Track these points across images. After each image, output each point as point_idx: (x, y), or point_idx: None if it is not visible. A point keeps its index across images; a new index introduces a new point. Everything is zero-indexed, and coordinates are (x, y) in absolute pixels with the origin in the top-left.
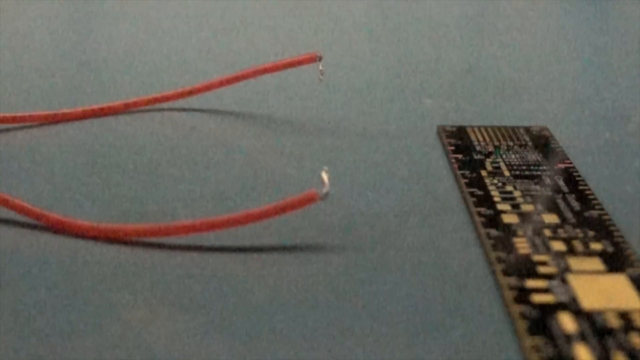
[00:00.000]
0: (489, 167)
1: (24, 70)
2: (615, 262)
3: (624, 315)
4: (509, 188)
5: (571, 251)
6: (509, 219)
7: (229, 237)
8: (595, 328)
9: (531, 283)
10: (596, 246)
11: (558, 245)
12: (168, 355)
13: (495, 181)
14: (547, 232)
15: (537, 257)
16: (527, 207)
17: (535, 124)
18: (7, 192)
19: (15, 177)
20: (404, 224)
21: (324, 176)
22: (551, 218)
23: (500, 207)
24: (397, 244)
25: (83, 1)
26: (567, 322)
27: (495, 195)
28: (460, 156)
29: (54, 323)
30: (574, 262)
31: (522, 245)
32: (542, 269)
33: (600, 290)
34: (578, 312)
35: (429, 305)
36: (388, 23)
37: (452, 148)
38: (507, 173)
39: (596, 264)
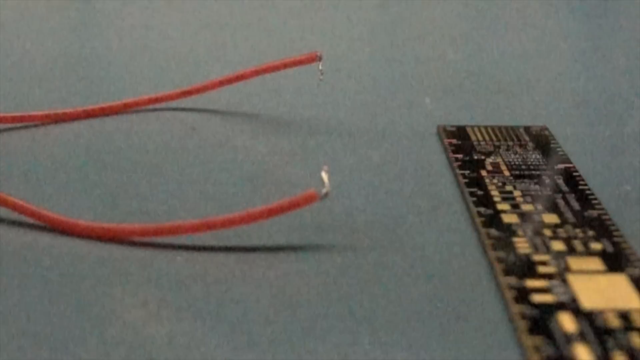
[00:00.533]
0: (489, 167)
1: (24, 70)
2: (615, 262)
3: (624, 315)
4: (509, 188)
5: (571, 251)
6: (509, 218)
7: (229, 237)
8: (595, 328)
9: (531, 283)
10: (596, 246)
11: (558, 245)
12: (168, 355)
13: (495, 181)
14: (547, 232)
15: (537, 257)
16: (527, 207)
17: (535, 124)
18: (7, 192)
19: (15, 177)
20: (404, 224)
21: (324, 176)
22: (551, 218)
23: (500, 207)
24: (397, 243)
25: (83, 1)
26: (567, 322)
27: (495, 195)
28: (460, 156)
29: (54, 323)
30: (574, 262)
31: (522, 245)
32: (542, 269)
33: (600, 290)
34: (578, 312)
35: (428, 305)
36: (388, 23)
37: (452, 148)
38: (507, 173)
39: (596, 263)
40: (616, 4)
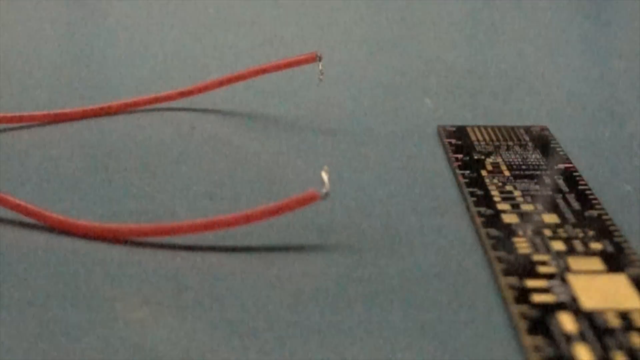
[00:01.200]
0: (489, 167)
1: (24, 70)
2: (615, 262)
3: (624, 315)
4: (509, 188)
5: (571, 251)
6: (509, 218)
7: (229, 237)
8: (595, 328)
9: (531, 283)
10: (596, 246)
11: (558, 245)
12: (168, 355)
13: (495, 181)
14: (547, 232)
15: (537, 257)
16: (527, 207)
17: (535, 124)
18: (7, 192)
19: (15, 177)
20: (404, 224)
21: (324, 176)
22: (551, 218)
23: (500, 207)
24: (397, 243)
25: (83, 1)
26: (567, 322)
27: (495, 195)
28: (460, 156)
29: (54, 323)
30: (574, 262)
31: (522, 245)
32: (542, 269)
33: (600, 290)
34: (578, 312)
35: (429, 305)
36: (388, 23)
37: (452, 148)
38: (507, 173)
39: (596, 263)
40: (616, 5)
